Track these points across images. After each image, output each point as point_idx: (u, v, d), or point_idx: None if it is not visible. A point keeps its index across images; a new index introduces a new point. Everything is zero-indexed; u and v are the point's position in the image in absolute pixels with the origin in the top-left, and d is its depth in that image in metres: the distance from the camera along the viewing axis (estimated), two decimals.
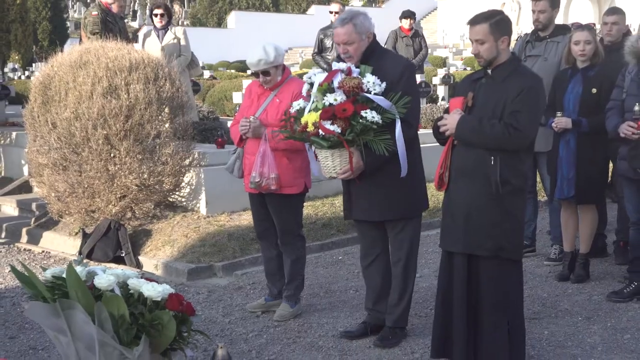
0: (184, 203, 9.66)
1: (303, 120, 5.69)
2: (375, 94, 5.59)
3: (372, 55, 5.96)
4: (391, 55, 6.21)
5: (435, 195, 9.87)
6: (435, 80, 16.38)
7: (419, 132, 10.22)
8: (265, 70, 6.47)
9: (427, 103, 14.91)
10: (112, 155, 8.98)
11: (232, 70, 32.94)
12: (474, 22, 5.34)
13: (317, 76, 5.81)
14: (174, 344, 4.99)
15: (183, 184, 9.55)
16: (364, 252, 6.42)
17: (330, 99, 5.56)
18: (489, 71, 5.34)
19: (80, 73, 9.14)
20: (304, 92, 5.94)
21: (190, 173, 9.54)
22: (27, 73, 31.50)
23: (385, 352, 5.99)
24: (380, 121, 5.54)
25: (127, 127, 8.93)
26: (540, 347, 6.02)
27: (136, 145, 9.00)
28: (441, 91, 16.31)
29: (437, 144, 5.63)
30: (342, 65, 5.78)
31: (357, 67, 5.79)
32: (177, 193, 9.61)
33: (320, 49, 14.82)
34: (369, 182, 5.92)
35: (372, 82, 5.60)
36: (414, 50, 15.21)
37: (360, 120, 5.50)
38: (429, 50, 17.94)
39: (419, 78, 15.04)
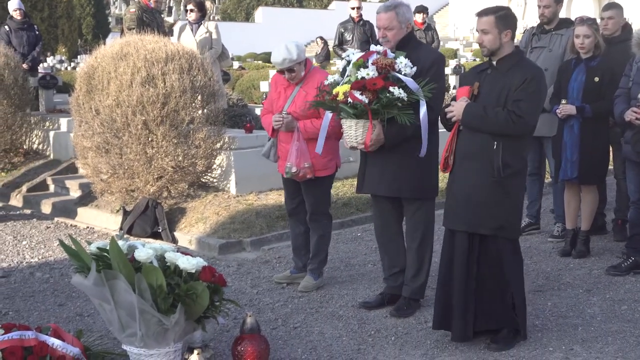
0: (215, 183, 9.68)
1: (335, 90, 5.70)
2: (405, 75, 5.59)
3: (408, 45, 5.93)
4: (425, 47, 6.21)
5: (442, 178, 9.84)
6: (447, 71, 16.31)
7: None
8: (290, 68, 6.45)
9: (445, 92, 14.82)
10: (149, 139, 9.00)
11: (259, 61, 32.91)
12: (481, 14, 5.38)
13: (355, 55, 5.82)
14: (207, 312, 5.01)
15: (214, 165, 9.56)
16: (379, 227, 6.39)
17: (363, 73, 5.57)
18: (494, 63, 5.34)
19: (121, 64, 9.15)
20: (340, 68, 5.92)
21: (221, 156, 9.54)
22: (72, 64, 31.51)
23: (401, 322, 5.99)
24: (406, 98, 5.53)
25: (164, 114, 8.95)
26: (544, 317, 6.00)
27: (172, 130, 9.01)
28: (452, 80, 16.24)
29: (444, 129, 5.62)
30: (379, 48, 5.80)
31: (392, 52, 5.77)
32: (209, 174, 9.63)
33: (341, 42, 14.76)
34: (384, 158, 5.89)
35: (404, 64, 5.62)
36: (426, 42, 15.12)
37: (387, 95, 5.50)
38: (441, 43, 17.83)
39: None
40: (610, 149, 7.76)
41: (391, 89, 5.50)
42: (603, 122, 7.33)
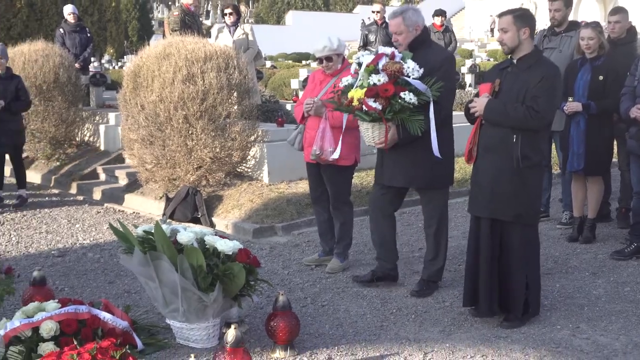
0: (250, 173, 9.69)
1: (350, 94, 5.66)
2: (414, 78, 5.55)
3: (421, 45, 5.90)
4: (437, 47, 6.18)
5: (463, 168, 9.81)
6: (464, 70, 16.26)
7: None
8: (328, 56, 6.50)
9: (456, 89, 14.77)
10: (190, 132, 9.03)
11: (290, 61, 32.91)
12: (501, 14, 5.39)
13: (365, 57, 5.75)
14: (242, 291, 5.04)
15: (249, 157, 9.57)
16: (382, 211, 6.33)
17: (374, 79, 5.52)
18: (515, 61, 5.31)
19: (164, 63, 9.18)
20: (352, 71, 5.87)
21: (255, 147, 9.55)
22: (120, 64, 31.72)
23: (420, 301, 5.97)
24: (417, 102, 5.50)
25: (203, 109, 8.97)
26: (552, 297, 5.97)
27: (210, 124, 9.03)
28: (468, 79, 16.18)
29: (467, 123, 5.60)
30: (387, 50, 5.75)
31: (399, 52, 5.74)
32: (244, 164, 9.64)
33: (365, 43, 14.73)
34: (399, 153, 5.88)
35: (412, 68, 5.57)
36: (444, 43, 15.06)
37: (399, 101, 5.47)
38: (458, 44, 17.76)
39: None
40: (615, 142, 7.74)
41: (402, 94, 5.47)
42: (607, 118, 7.31)
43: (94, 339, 4.58)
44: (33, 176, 11.86)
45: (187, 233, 5.00)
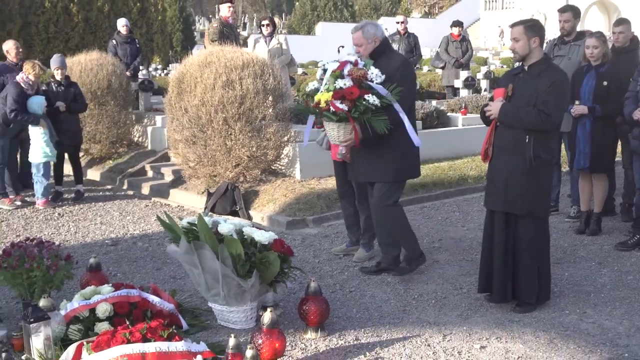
0: (283, 170, 9.70)
1: (317, 98, 5.71)
2: (376, 83, 5.62)
3: (380, 55, 5.96)
4: (395, 55, 6.13)
5: (479, 166, 9.78)
6: (479, 76, 16.12)
7: (467, 117, 10.17)
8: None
9: (472, 93, 14.68)
10: (229, 133, 9.06)
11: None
12: (513, 25, 5.38)
13: (330, 64, 5.83)
14: (277, 277, 5.06)
15: (282, 155, 9.58)
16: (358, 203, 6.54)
17: (340, 83, 5.59)
18: (526, 68, 5.28)
19: (205, 70, 9.21)
20: (317, 76, 5.97)
21: (288, 147, 9.56)
22: (165, 71, 31.86)
23: (440, 287, 5.96)
24: (379, 104, 5.57)
25: (240, 112, 8.99)
26: (561, 285, 5.93)
27: (247, 125, 9.06)
28: (484, 84, 16.05)
29: (483, 125, 5.57)
30: (351, 58, 5.81)
31: (362, 60, 5.81)
32: (278, 162, 9.66)
33: None
34: (361, 153, 5.96)
35: (375, 74, 5.67)
36: (462, 51, 14.98)
37: (363, 102, 5.54)
38: (474, 52, 17.62)
39: (466, 74, 14.81)
40: (620, 143, 7.68)
41: (366, 96, 5.54)
42: (611, 121, 7.26)
43: (144, 320, 4.62)
44: (89, 173, 11.98)
45: (227, 225, 5.03)
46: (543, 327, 5.04)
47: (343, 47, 27.17)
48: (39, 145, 9.36)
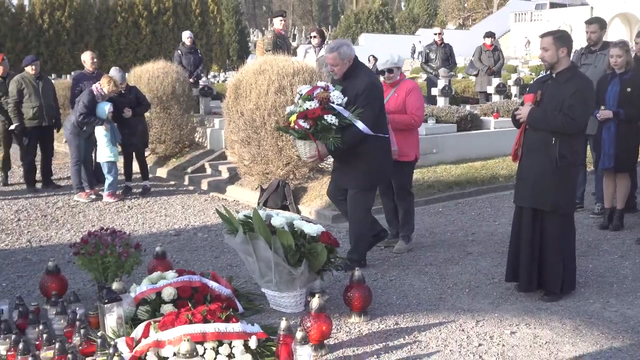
0: (329, 168, 9.64)
1: (290, 119, 5.82)
2: (338, 104, 5.68)
3: (352, 74, 5.95)
4: (364, 75, 5.98)
5: (510, 165, 9.68)
6: (510, 82, 15.91)
7: (499, 120, 10.01)
8: (390, 69, 6.54)
9: (503, 98, 14.50)
10: (280, 134, 9.08)
11: None
12: (542, 35, 5.31)
13: (304, 88, 5.96)
14: (324, 266, 5.07)
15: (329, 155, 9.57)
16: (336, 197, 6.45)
17: (307, 104, 5.68)
18: (554, 75, 5.20)
19: (259, 77, 9.26)
20: (296, 100, 6.03)
21: None
22: (223, 78, 32.15)
23: (473, 277, 5.92)
24: (337, 123, 5.63)
25: None
26: (586, 276, 5.84)
27: None
28: (514, 90, 15.84)
29: (513, 128, 5.53)
30: (322, 83, 5.96)
31: (333, 85, 5.88)
32: (325, 162, 9.63)
33: (426, 60, 14.58)
34: (339, 161, 6.08)
35: (336, 96, 5.74)
36: (494, 60, 14.81)
37: (322, 122, 5.61)
38: (505, 61, 17.39)
39: (498, 80, 14.64)
40: None
41: (325, 117, 5.60)
42: (633, 124, 7.14)
43: (204, 303, 4.67)
44: (157, 171, 12.14)
45: (279, 218, 5.05)
46: (569, 315, 4.96)
47: (373, 56, 26.91)
48: (104, 146, 9.53)
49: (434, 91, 13.48)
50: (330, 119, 5.59)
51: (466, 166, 10.19)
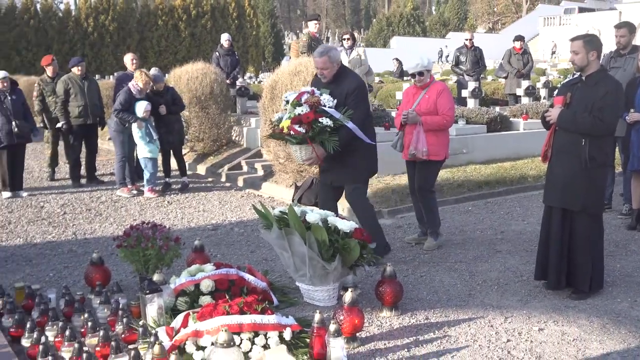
0: None
1: (281, 125, 5.86)
2: (330, 107, 5.74)
3: (340, 76, 6.00)
4: (351, 76, 6.07)
5: (539, 166, 9.58)
6: (539, 85, 15.73)
7: (528, 122, 9.91)
8: (420, 72, 6.49)
9: (532, 101, 14.34)
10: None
11: (394, 77, 32.65)
12: (573, 39, 5.22)
13: (290, 95, 5.98)
14: (357, 262, 5.04)
15: None
16: (321, 201, 6.49)
17: (298, 110, 5.73)
18: (584, 78, 5.13)
19: (294, 78, 9.27)
20: (282, 106, 6.04)
21: None
22: (259, 79, 32.29)
23: (502, 275, 5.86)
24: (332, 125, 5.70)
25: None
26: (614, 276, 5.74)
27: None
28: (542, 92, 15.65)
29: (542, 129, 5.46)
30: (307, 88, 5.97)
31: (318, 89, 5.91)
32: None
33: (457, 62, 14.49)
34: (330, 159, 6.00)
35: (327, 99, 5.84)
36: (523, 63, 14.65)
37: (318, 124, 5.67)
38: (534, 64, 17.19)
39: (527, 83, 14.48)
40: None
41: (320, 119, 5.67)
42: None
43: (241, 295, 4.70)
44: (197, 168, 12.24)
45: (314, 214, 5.05)
46: (596, 313, 4.89)
47: (397, 59, 26.73)
48: (140, 143, 9.63)
49: (464, 93, 13.40)
50: (326, 121, 5.68)
51: (495, 166, 10.10)
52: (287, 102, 5.96)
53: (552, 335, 4.52)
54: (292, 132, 5.74)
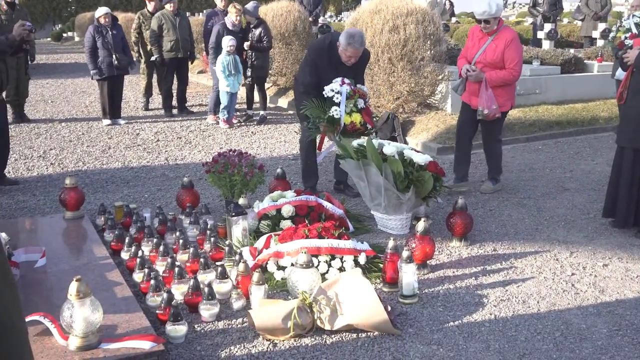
0: (436, 104, 9.50)
1: (350, 120, 5.56)
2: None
3: (360, 57, 5.83)
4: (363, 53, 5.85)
5: (611, 108, 9.16)
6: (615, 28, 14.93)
7: (602, 64, 9.36)
8: (487, 19, 5.85)
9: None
10: (392, 70, 8.95)
11: (470, 17, 31.59)
12: None
13: (342, 88, 5.57)
14: (430, 193, 5.01)
15: (437, 91, 9.36)
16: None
17: (361, 103, 5.66)
18: None
19: (375, 17, 9.08)
20: (335, 99, 5.59)
21: (442, 84, 9.32)
22: (339, 18, 31.84)
23: (569, 212, 5.70)
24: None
25: (403, 53, 8.84)
26: None
27: (408, 64, 8.90)
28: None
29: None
30: (338, 79, 5.68)
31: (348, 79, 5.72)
32: (432, 97, 9.45)
33: (534, 4, 13.84)
34: None
35: (365, 89, 5.86)
36: (601, 5, 13.96)
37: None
38: (611, 7, 16.23)
39: (604, 26, 13.72)
40: None
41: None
42: None
43: (319, 221, 4.76)
44: (279, 101, 12.29)
45: (390, 147, 5.01)
46: None
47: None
48: (221, 76, 9.66)
49: (540, 34, 12.83)
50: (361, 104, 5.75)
51: (567, 107, 9.72)
52: (340, 93, 5.56)
53: (615, 271, 4.41)
54: (367, 125, 5.65)
